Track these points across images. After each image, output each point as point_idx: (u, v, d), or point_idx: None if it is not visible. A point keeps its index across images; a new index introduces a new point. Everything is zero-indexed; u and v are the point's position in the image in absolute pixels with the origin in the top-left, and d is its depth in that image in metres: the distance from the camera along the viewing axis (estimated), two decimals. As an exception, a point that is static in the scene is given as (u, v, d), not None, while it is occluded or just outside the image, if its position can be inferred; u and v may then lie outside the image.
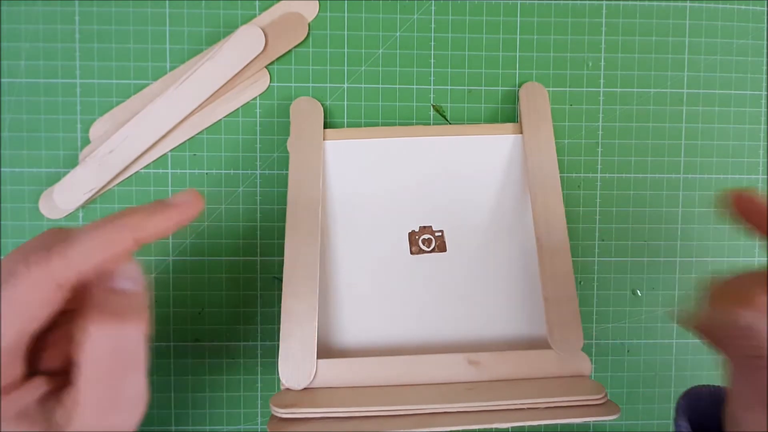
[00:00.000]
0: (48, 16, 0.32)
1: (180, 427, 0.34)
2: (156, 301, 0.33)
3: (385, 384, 0.30)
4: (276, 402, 0.27)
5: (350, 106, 0.34)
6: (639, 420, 0.35)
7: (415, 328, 0.33)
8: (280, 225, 0.34)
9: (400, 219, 0.33)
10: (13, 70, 0.32)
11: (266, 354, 0.34)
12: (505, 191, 0.33)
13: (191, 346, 0.34)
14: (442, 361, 0.30)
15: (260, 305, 0.34)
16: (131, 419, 0.20)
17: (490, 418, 0.27)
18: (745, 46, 0.35)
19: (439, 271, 0.33)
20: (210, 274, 0.34)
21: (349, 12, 0.33)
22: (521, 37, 0.34)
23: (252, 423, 0.34)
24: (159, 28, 0.33)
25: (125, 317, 0.19)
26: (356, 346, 0.33)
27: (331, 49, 0.33)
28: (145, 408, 0.20)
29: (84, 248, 0.19)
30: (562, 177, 0.34)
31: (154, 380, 0.34)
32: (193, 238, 0.34)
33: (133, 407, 0.20)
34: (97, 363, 0.18)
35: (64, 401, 0.19)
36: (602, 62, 0.34)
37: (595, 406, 0.27)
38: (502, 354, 0.30)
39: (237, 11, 0.33)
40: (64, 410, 0.19)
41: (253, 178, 0.34)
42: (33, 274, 0.18)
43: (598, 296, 0.35)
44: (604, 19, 0.34)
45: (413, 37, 0.34)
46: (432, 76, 0.34)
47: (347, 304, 0.33)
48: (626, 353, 0.35)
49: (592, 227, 0.35)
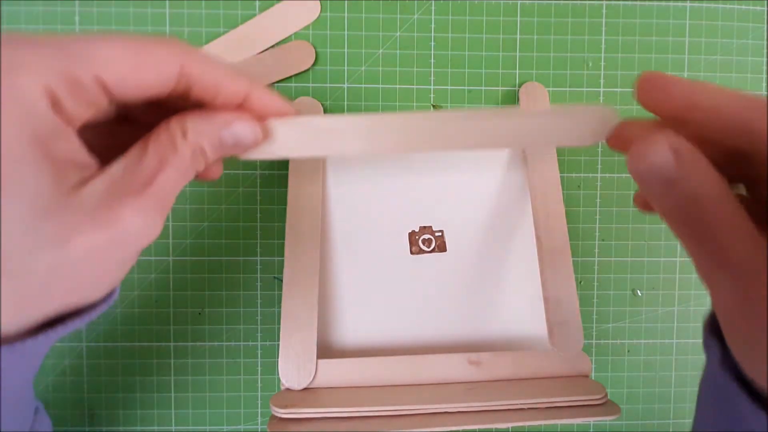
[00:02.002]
0: (48, 17, 0.32)
1: (180, 427, 0.34)
2: (156, 301, 0.34)
3: (385, 384, 0.30)
4: (276, 402, 0.27)
5: (350, 106, 0.34)
6: (639, 420, 0.35)
7: (415, 328, 0.33)
8: (280, 225, 0.34)
9: (400, 219, 0.33)
10: (13, 70, 0.32)
11: (266, 354, 0.34)
12: (506, 191, 0.33)
13: (191, 346, 0.34)
14: (442, 361, 0.30)
15: (260, 305, 0.34)
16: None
17: (490, 418, 0.27)
18: (745, 46, 0.35)
19: (439, 271, 0.33)
20: (210, 274, 0.34)
21: (349, 12, 0.33)
22: (521, 37, 0.34)
23: (252, 423, 0.34)
24: (159, 29, 0.33)
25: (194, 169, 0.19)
26: (356, 346, 0.33)
27: (331, 49, 0.33)
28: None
29: (115, 54, 0.17)
30: (562, 177, 0.34)
31: (154, 380, 0.34)
32: (193, 238, 0.34)
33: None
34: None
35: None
36: (602, 62, 0.34)
37: (595, 406, 0.27)
38: (502, 354, 0.30)
39: (237, 11, 0.33)
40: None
41: (253, 178, 0.34)
42: (42, 52, 0.16)
43: (598, 296, 0.35)
44: (604, 19, 0.34)
45: (413, 37, 0.34)
46: (432, 76, 0.34)
47: (347, 304, 0.33)
48: (626, 353, 0.35)
49: (592, 227, 0.35)
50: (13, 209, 0.15)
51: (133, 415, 0.34)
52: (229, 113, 0.20)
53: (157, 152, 0.18)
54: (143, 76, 0.17)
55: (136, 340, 0.34)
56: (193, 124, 0.19)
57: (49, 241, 0.16)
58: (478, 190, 0.33)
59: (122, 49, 0.17)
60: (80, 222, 0.16)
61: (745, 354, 0.17)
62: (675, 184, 0.17)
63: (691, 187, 0.16)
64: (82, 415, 0.33)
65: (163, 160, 0.18)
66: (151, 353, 0.34)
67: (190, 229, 0.33)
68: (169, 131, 0.19)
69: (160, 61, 0.17)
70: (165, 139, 0.18)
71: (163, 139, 0.18)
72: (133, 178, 0.17)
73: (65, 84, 0.16)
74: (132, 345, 0.34)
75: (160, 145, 0.18)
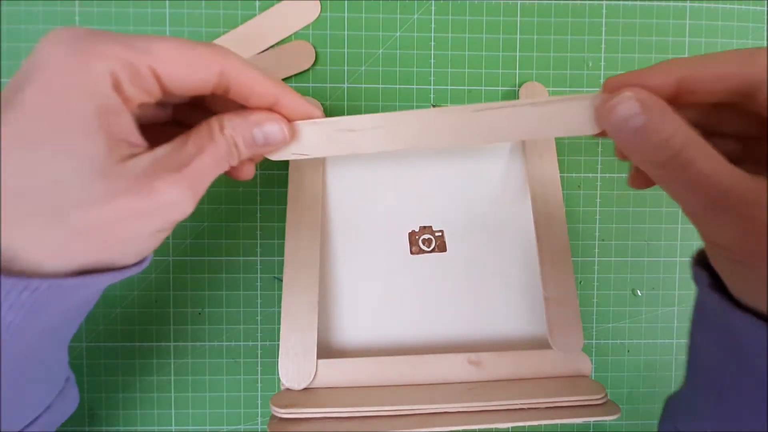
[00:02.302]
0: (48, 17, 0.32)
1: (180, 427, 0.34)
2: (156, 301, 0.34)
3: (385, 384, 0.30)
4: (276, 402, 0.27)
5: (350, 106, 0.34)
6: (639, 420, 0.35)
7: (415, 328, 0.33)
8: (280, 225, 0.34)
9: (400, 219, 0.33)
10: (14, 70, 0.32)
11: (266, 354, 0.34)
12: (506, 191, 0.33)
13: (191, 346, 0.34)
14: (442, 361, 0.30)
15: (260, 305, 0.34)
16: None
17: (490, 418, 0.27)
18: (745, 46, 0.35)
19: (439, 271, 0.33)
20: (210, 274, 0.34)
21: (349, 12, 0.33)
22: (521, 37, 0.34)
23: (252, 423, 0.34)
24: (159, 29, 0.33)
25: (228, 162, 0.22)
26: (356, 346, 0.33)
27: (331, 49, 0.33)
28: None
29: (169, 51, 0.20)
30: (562, 177, 0.34)
31: (154, 380, 0.34)
32: (193, 238, 0.34)
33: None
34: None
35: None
36: (602, 62, 0.34)
37: (595, 406, 0.27)
38: (502, 354, 0.30)
39: (237, 11, 0.33)
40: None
41: (253, 178, 0.34)
42: (109, 43, 0.19)
43: (598, 296, 0.35)
44: (604, 19, 0.34)
45: (413, 37, 0.34)
46: (432, 76, 0.34)
47: (347, 304, 0.33)
48: (626, 353, 0.35)
49: (592, 227, 0.35)
50: (72, 166, 0.18)
51: (133, 415, 0.34)
52: (262, 113, 0.23)
53: (197, 141, 0.21)
54: (189, 71, 0.20)
55: (136, 340, 0.34)
56: (229, 121, 0.22)
57: (95, 199, 0.18)
58: (478, 191, 0.33)
59: (174, 48, 0.20)
60: (123, 188, 0.19)
61: (734, 278, 0.19)
62: (645, 132, 0.19)
63: (661, 133, 0.18)
64: (82, 414, 0.33)
65: (201, 148, 0.21)
66: (151, 353, 0.34)
67: (190, 229, 0.33)
68: (209, 125, 0.21)
69: (203, 61, 0.20)
70: (204, 131, 0.21)
71: (202, 130, 0.21)
72: (173, 159, 0.20)
73: (126, 71, 0.19)
74: (132, 345, 0.34)
75: (200, 135, 0.21)
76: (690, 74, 0.19)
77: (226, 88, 0.21)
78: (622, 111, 0.19)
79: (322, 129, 0.24)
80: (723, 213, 0.18)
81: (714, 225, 0.19)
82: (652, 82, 0.19)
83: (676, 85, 0.19)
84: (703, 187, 0.18)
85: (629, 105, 0.19)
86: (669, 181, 0.19)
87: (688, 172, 0.18)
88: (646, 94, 0.19)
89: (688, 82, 0.19)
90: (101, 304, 0.33)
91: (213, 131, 0.21)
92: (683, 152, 0.18)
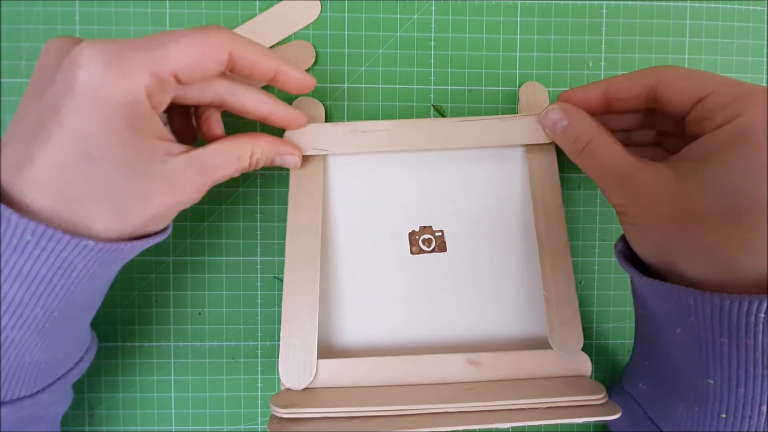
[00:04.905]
0: (48, 17, 0.32)
1: (180, 427, 0.34)
2: (156, 301, 0.34)
3: (385, 384, 0.30)
4: (276, 402, 0.27)
5: (350, 106, 0.34)
6: (639, 420, 0.35)
7: (416, 328, 0.33)
8: (280, 225, 0.34)
9: (400, 219, 0.33)
10: (13, 70, 0.32)
11: (266, 354, 0.34)
12: (506, 191, 0.33)
13: (191, 346, 0.34)
14: (442, 361, 0.30)
15: (260, 305, 0.34)
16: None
17: (490, 418, 0.27)
18: (745, 46, 0.35)
19: (439, 271, 0.33)
20: (210, 274, 0.34)
21: (349, 12, 0.33)
22: (521, 37, 0.34)
23: (252, 423, 0.34)
24: (159, 29, 0.33)
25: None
26: (356, 346, 0.33)
27: (331, 49, 0.33)
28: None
29: (184, 53, 0.23)
30: (562, 177, 0.34)
31: (154, 380, 0.34)
32: (193, 238, 0.34)
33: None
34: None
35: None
36: (602, 62, 0.34)
37: (595, 406, 0.27)
38: (502, 354, 0.30)
39: (237, 11, 0.33)
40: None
41: (253, 178, 0.34)
42: (137, 59, 0.22)
43: (598, 296, 0.35)
44: (605, 19, 0.34)
45: (413, 37, 0.34)
46: (432, 76, 0.34)
47: (347, 304, 0.33)
48: (626, 353, 0.35)
49: (592, 227, 0.35)
50: (122, 174, 0.22)
51: (133, 415, 0.34)
52: (286, 146, 0.29)
53: (228, 156, 0.26)
54: (203, 65, 0.24)
55: (136, 340, 0.34)
56: (260, 149, 0.27)
57: (142, 197, 0.23)
58: (478, 191, 0.33)
59: (187, 47, 0.23)
60: (161, 187, 0.23)
61: (630, 237, 0.26)
62: (567, 131, 0.28)
63: (576, 131, 0.27)
64: (81, 414, 0.33)
65: (229, 163, 0.26)
66: (151, 353, 0.34)
67: (190, 229, 0.33)
68: (242, 148, 0.27)
69: (214, 51, 0.24)
70: (236, 151, 0.26)
71: (234, 150, 0.26)
72: (203, 165, 0.25)
73: (155, 83, 0.22)
74: (132, 345, 0.34)
75: (232, 152, 0.26)
76: (611, 86, 0.27)
77: (232, 66, 0.25)
78: (552, 116, 0.28)
79: (341, 130, 0.31)
80: (618, 186, 0.25)
81: (613, 195, 0.26)
82: (582, 94, 0.28)
83: (603, 95, 0.27)
84: (603, 168, 0.26)
85: (556, 113, 0.28)
86: (585, 166, 0.27)
87: (596, 159, 0.26)
88: (568, 105, 0.28)
89: (611, 91, 0.27)
90: (101, 304, 0.33)
91: (243, 156, 0.26)
92: (590, 144, 0.26)
